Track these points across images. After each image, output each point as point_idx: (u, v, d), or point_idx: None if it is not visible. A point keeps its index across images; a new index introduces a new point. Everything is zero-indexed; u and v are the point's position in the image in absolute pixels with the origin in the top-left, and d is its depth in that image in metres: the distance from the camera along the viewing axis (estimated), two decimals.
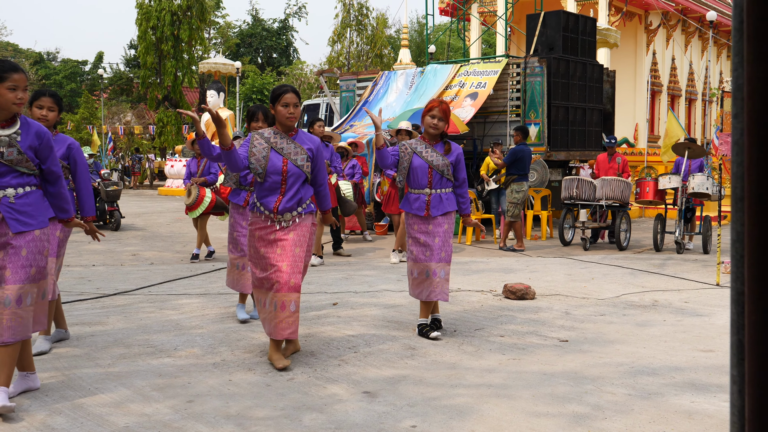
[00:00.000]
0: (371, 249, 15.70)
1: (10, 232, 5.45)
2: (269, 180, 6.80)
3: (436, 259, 7.97)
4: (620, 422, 5.33)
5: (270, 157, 6.78)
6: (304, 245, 6.90)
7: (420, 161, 8.01)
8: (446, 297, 8.05)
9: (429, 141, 8.10)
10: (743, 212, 1.69)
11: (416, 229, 8.05)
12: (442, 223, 8.03)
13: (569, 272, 12.65)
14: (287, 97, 6.83)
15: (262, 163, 6.76)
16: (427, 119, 8.01)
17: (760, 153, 1.65)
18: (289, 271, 6.73)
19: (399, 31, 60.41)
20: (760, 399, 1.68)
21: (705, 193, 14.88)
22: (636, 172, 23.28)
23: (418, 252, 8.03)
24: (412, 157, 8.03)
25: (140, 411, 5.49)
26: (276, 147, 6.81)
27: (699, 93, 37.77)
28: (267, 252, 6.79)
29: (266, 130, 6.97)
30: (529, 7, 28.73)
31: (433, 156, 8.01)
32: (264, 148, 6.80)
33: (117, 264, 13.32)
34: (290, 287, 6.72)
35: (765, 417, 1.69)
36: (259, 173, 6.78)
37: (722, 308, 9.64)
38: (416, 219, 8.07)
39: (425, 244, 8.00)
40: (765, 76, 1.64)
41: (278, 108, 6.83)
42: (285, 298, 6.71)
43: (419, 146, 8.06)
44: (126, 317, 8.77)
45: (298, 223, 6.86)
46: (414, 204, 8.07)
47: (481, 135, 20.71)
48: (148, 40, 44.74)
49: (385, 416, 5.41)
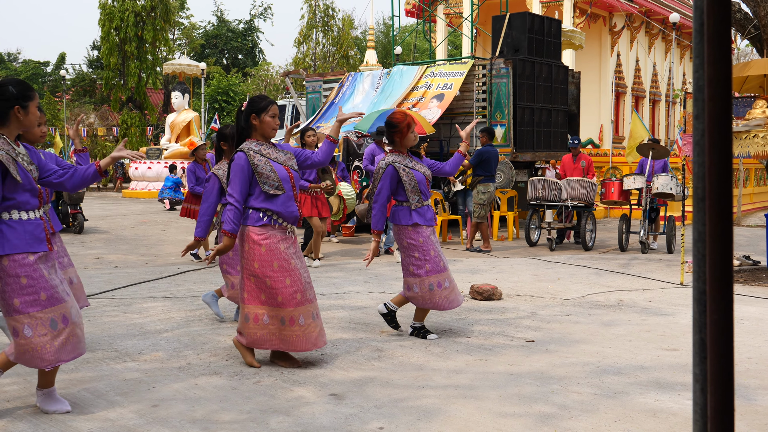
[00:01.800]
0: (339, 251, 15.68)
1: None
2: (286, 189, 6.73)
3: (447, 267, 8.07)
4: (586, 421, 5.35)
5: (275, 169, 6.71)
6: None
7: (419, 175, 8.01)
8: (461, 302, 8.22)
9: (406, 154, 8.12)
10: (705, 212, 1.70)
11: (432, 240, 8.03)
12: (433, 231, 8.13)
13: (535, 273, 12.70)
14: (274, 108, 6.86)
15: (272, 176, 6.66)
16: (410, 136, 8.02)
17: (720, 153, 1.66)
18: (310, 279, 6.86)
19: (365, 32, 60.39)
20: (722, 397, 1.70)
21: (669, 193, 14.99)
22: (601, 173, 23.40)
23: (444, 261, 8.06)
24: (413, 174, 8.01)
25: (104, 416, 5.45)
26: (271, 158, 6.73)
27: (663, 94, 38.05)
28: (297, 264, 6.74)
29: (250, 144, 6.78)
30: (495, 8, 28.80)
31: (423, 168, 8.09)
32: (265, 162, 6.68)
33: (80, 267, 13.20)
34: (314, 296, 6.89)
35: (727, 414, 1.71)
36: (276, 186, 6.66)
37: (686, 307, 9.72)
38: (430, 229, 8.06)
39: (440, 252, 8.06)
40: (725, 77, 1.66)
41: (265, 119, 6.76)
42: (314, 308, 6.84)
43: (406, 161, 8.04)
44: (89, 321, 8.70)
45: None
46: (428, 215, 8.03)
47: (448, 136, 20.73)
48: (111, 41, 44.45)
49: (352, 418, 5.41)
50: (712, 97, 1.67)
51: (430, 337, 7.99)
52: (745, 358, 7.15)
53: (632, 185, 15.53)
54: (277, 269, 6.63)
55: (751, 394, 6.03)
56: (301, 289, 6.66)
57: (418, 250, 7.91)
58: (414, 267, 7.92)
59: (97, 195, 35.47)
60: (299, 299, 6.65)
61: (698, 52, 1.72)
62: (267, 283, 6.63)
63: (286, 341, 6.69)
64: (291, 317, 6.64)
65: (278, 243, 6.66)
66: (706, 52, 1.68)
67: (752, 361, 7.09)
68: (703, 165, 1.70)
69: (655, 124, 38.11)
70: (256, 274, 6.64)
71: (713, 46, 1.67)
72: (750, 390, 6.15)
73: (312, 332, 6.70)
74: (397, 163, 7.98)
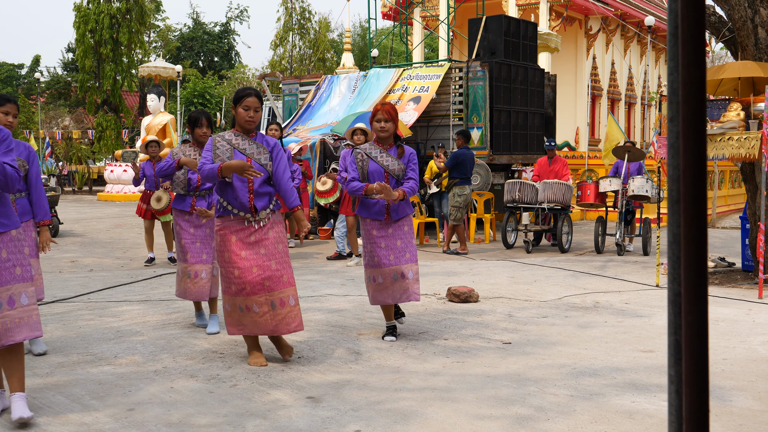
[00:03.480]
0: (316, 253, 15.66)
1: None
2: (236, 180, 6.83)
3: (404, 260, 7.95)
4: (563, 423, 5.37)
5: (233, 158, 6.83)
6: (284, 240, 7.04)
7: (376, 166, 7.95)
8: (417, 297, 8.01)
9: (382, 145, 8.08)
10: (679, 214, 1.71)
11: (376, 234, 7.97)
12: (403, 225, 8.02)
13: (512, 275, 12.72)
14: (249, 100, 6.89)
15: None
16: (374, 125, 7.97)
17: (694, 156, 1.67)
18: (279, 267, 6.87)
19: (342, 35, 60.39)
20: (697, 398, 1.70)
21: (644, 195, 15.05)
22: (577, 175, 23.48)
23: (382, 257, 7.95)
24: (368, 162, 8.00)
25: (79, 420, 5.42)
26: (239, 148, 6.87)
27: (638, 97, 38.24)
28: (250, 254, 6.83)
29: (226, 132, 7.00)
30: (471, 11, 28.88)
31: (389, 160, 7.97)
32: (227, 149, 6.86)
33: (55, 271, 13.14)
34: (285, 283, 6.88)
35: (702, 415, 1.71)
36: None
37: (662, 309, 9.76)
38: (375, 224, 7.99)
39: (388, 248, 7.95)
40: (699, 80, 1.67)
41: (239, 110, 6.88)
42: (282, 295, 6.86)
43: (374, 151, 8.01)
44: (64, 325, 8.65)
45: (272, 220, 6.96)
46: (373, 209, 7.99)
47: (424, 139, 20.77)
48: (86, 44, 44.17)
49: (329, 421, 5.40)
50: (687, 99, 1.68)
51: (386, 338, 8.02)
52: (720, 360, 7.18)
53: (608, 188, 15.58)
54: (227, 261, 6.87)
55: (726, 395, 6.06)
56: (250, 280, 6.80)
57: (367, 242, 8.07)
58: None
59: (72, 198, 35.27)
60: (249, 290, 6.83)
61: (673, 55, 1.72)
62: (222, 273, 6.96)
63: (249, 326, 6.95)
64: (245, 305, 6.88)
65: (231, 234, 6.85)
66: (681, 55, 1.68)
67: (727, 362, 7.13)
68: (678, 167, 1.70)
69: (631, 126, 38.33)
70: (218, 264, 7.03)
71: (687, 49, 1.68)
72: (725, 391, 6.18)
73: (269, 320, 6.85)
74: (361, 150, 8.04)
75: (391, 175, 7.96)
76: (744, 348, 7.73)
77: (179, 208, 8.63)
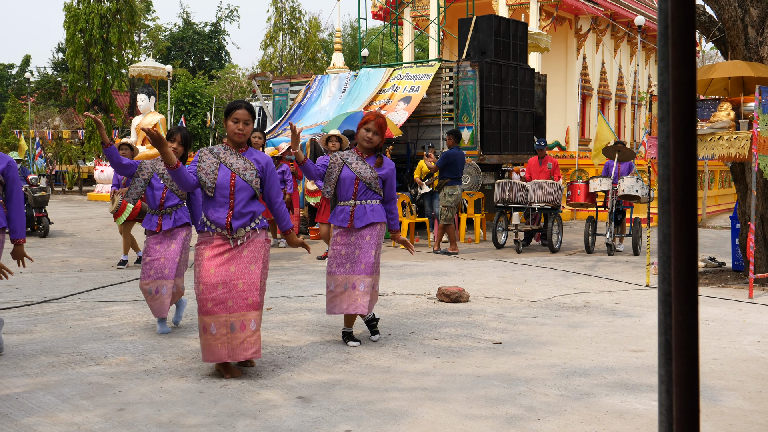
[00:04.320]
0: (306, 253, 15.64)
1: None
2: (218, 195, 6.67)
3: (358, 271, 7.80)
4: (553, 423, 5.37)
5: (218, 172, 6.67)
6: (260, 261, 6.73)
7: (348, 172, 7.84)
8: (364, 310, 7.77)
9: (361, 153, 7.99)
10: (670, 214, 1.71)
11: (338, 241, 7.88)
12: (365, 234, 7.86)
13: (502, 275, 12.73)
14: (238, 113, 6.71)
15: (210, 177, 6.64)
16: (362, 132, 7.87)
17: (685, 156, 1.67)
18: (246, 288, 6.60)
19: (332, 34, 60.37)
20: (688, 398, 1.70)
21: (635, 195, 15.07)
22: (567, 175, 23.52)
23: (337, 265, 7.85)
24: (341, 168, 7.89)
25: (69, 420, 5.41)
26: (225, 162, 6.69)
27: (628, 96, 38.30)
28: (219, 271, 6.59)
29: (216, 146, 6.85)
30: (461, 11, 28.90)
31: (362, 168, 7.84)
32: (213, 162, 6.69)
33: (45, 271, 13.11)
34: (248, 305, 6.59)
35: (692, 415, 1.71)
36: (208, 186, 6.64)
37: (652, 309, 9.77)
38: (340, 231, 7.90)
39: (346, 256, 7.84)
40: (689, 80, 1.67)
41: (228, 123, 6.73)
42: (244, 318, 6.56)
43: (350, 157, 7.90)
44: (55, 325, 8.63)
45: (251, 239, 6.73)
46: (339, 216, 7.90)
47: (415, 139, 20.77)
48: (76, 44, 44.09)
49: (320, 421, 5.40)
50: (677, 99, 1.68)
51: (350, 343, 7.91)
52: (710, 359, 7.19)
53: (598, 187, 15.59)
54: (196, 275, 6.68)
55: (716, 395, 6.07)
56: (213, 297, 6.56)
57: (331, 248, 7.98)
58: None
59: (63, 198, 35.18)
60: (210, 307, 6.56)
61: (663, 54, 1.72)
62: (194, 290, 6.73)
63: (204, 351, 6.68)
64: (203, 325, 6.61)
65: (206, 249, 6.68)
66: (671, 55, 1.68)
67: (718, 362, 7.14)
68: (668, 167, 1.70)
69: (621, 126, 38.39)
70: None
71: (678, 48, 1.67)
72: (715, 391, 6.19)
73: (225, 343, 6.57)
74: (337, 155, 7.95)
75: (362, 182, 7.84)
76: (734, 348, 7.74)
77: (147, 227, 8.57)
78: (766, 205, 11.59)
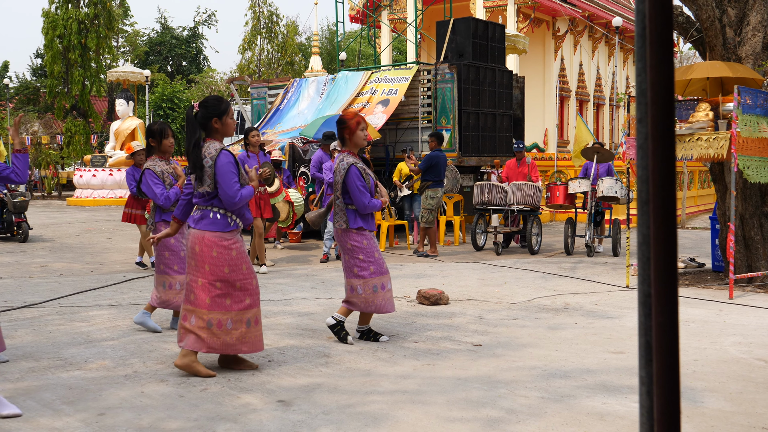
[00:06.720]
0: (286, 258, 15.62)
1: None
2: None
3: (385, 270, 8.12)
4: (534, 425, 5.37)
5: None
6: None
7: (372, 180, 8.04)
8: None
9: (356, 155, 8.09)
10: (649, 215, 1.70)
11: (375, 243, 8.08)
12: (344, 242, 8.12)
13: (482, 277, 12.74)
14: (231, 108, 6.96)
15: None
16: (359, 134, 7.97)
17: (663, 157, 1.67)
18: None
19: (310, 38, 60.26)
20: (668, 399, 1.70)
21: (614, 196, 15.11)
22: (546, 177, 23.57)
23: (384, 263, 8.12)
24: (369, 177, 8.01)
25: (50, 425, 5.37)
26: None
27: (606, 98, 38.46)
28: (250, 268, 6.90)
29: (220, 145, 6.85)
30: (439, 14, 28.93)
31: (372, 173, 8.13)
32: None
33: (25, 276, 13.04)
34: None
35: (673, 417, 1.71)
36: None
37: (632, 310, 9.80)
38: (370, 233, 8.07)
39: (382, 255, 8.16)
40: (668, 81, 1.66)
41: (227, 120, 6.87)
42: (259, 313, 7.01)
43: (362, 164, 8.01)
44: (35, 330, 8.58)
45: None
46: (370, 219, 8.09)
47: (393, 141, 20.78)
48: (54, 49, 43.94)
49: (300, 425, 5.38)
50: (655, 100, 1.67)
51: (382, 338, 8.02)
52: (691, 360, 7.21)
53: (577, 189, 15.63)
54: (245, 273, 6.84)
55: (697, 397, 6.08)
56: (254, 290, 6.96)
57: (362, 252, 7.91)
58: (358, 269, 7.92)
59: (42, 203, 35.03)
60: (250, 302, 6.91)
61: (641, 55, 1.72)
62: (239, 286, 6.79)
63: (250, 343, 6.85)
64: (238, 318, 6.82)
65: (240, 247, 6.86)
66: (649, 56, 1.68)
67: (698, 363, 7.16)
68: (647, 168, 1.70)
69: (600, 127, 38.53)
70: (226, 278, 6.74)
71: (656, 49, 1.67)
72: (696, 392, 6.20)
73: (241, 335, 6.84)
74: (359, 165, 7.95)
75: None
76: (715, 349, 7.76)
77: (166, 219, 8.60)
78: (746, 205, 11.63)
